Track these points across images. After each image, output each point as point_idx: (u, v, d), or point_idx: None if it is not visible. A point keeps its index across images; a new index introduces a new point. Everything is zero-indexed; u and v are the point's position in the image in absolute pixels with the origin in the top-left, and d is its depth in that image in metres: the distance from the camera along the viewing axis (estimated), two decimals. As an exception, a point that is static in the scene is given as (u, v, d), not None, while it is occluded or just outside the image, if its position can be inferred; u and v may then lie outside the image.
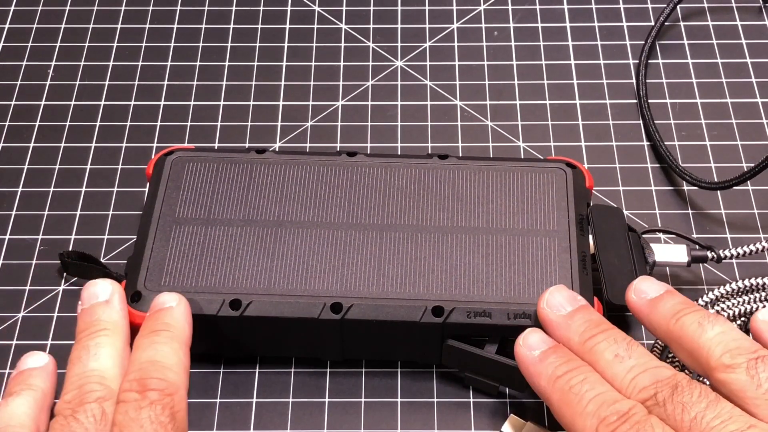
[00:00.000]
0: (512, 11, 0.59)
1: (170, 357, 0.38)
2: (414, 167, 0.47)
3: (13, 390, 0.39)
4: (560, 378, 0.38)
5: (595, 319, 0.40)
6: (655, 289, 0.41)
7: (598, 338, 0.39)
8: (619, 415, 0.36)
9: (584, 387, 0.37)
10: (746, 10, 0.59)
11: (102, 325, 0.40)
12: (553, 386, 0.38)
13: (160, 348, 0.39)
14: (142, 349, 0.39)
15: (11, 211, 0.50)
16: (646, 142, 0.53)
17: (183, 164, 0.47)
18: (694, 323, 0.38)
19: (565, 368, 0.38)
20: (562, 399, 0.38)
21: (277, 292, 0.43)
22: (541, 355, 0.39)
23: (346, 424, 0.43)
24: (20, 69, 0.56)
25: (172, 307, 0.41)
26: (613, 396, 0.37)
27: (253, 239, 0.45)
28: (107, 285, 0.42)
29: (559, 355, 0.39)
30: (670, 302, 0.40)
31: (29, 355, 0.40)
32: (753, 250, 0.46)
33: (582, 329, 0.40)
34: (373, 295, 0.43)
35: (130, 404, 0.36)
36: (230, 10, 0.59)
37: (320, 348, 0.44)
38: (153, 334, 0.40)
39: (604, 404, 0.37)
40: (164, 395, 0.37)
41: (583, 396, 0.37)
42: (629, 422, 0.36)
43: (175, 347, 0.39)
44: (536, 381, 0.39)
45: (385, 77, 0.56)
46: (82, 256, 0.47)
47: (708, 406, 0.36)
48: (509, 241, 0.44)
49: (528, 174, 0.47)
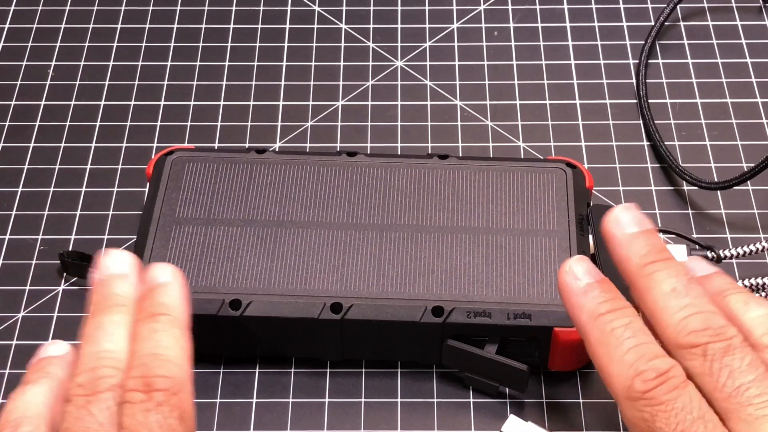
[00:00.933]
0: (512, 11, 0.59)
1: (173, 347, 0.37)
2: (414, 167, 0.47)
3: (31, 378, 0.38)
4: (602, 316, 0.37)
5: (659, 245, 0.38)
6: (705, 268, 0.39)
7: (659, 265, 0.37)
8: (658, 373, 0.34)
9: (626, 333, 0.36)
10: (746, 10, 0.59)
11: (119, 301, 0.38)
12: (594, 322, 0.37)
13: (160, 337, 0.37)
14: (143, 338, 0.37)
15: (11, 211, 0.50)
16: (646, 142, 0.53)
17: (183, 164, 0.47)
18: (740, 302, 0.37)
19: (610, 306, 0.37)
20: (600, 339, 0.36)
21: (277, 292, 0.43)
22: (586, 286, 0.38)
23: (346, 425, 0.43)
24: (20, 69, 0.56)
25: (168, 283, 0.39)
26: (654, 350, 0.35)
27: (253, 239, 0.45)
28: (127, 257, 0.39)
29: (604, 290, 0.37)
30: (719, 280, 0.39)
31: (50, 343, 0.39)
32: (753, 250, 0.46)
33: (644, 251, 0.38)
34: (373, 295, 0.43)
35: (137, 406, 0.35)
36: (230, 10, 0.59)
37: (320, 348, 0.44)
38: (152, 319, 0.38)
39: (644, 356, 0.35)
40: (170, 395, 0.36)
41: (623, 342, 0.36)
42: (667, 385, 0.34)
43: (176, 334, 0.37)
44: (576, 313, 0.38)
45: (385, 77, 0.56)
46: (81, 256, 0.47)
47: (755, 379, 0.34)
48: (509, 241, 0.44)
49: (528, 174, 0.47)
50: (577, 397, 0.44)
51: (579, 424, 0.43)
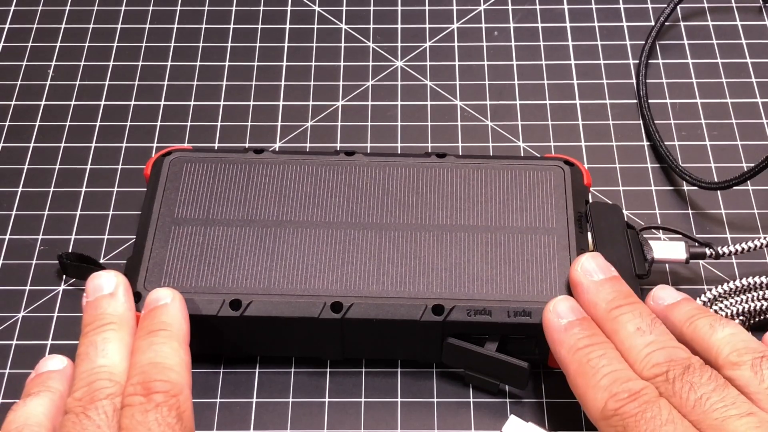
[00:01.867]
0: (512, 11, 0.59)
1: (171, 357, 0.39)
2: (412, 166, 0.47)
3: (32, 391, 0.39)
4: (581, 350, 0.39)
5: (624, 290, 0.41)
6: (672, 296, 0.42)
7: (624, 309, 0.40)
8: (630, 393, 0.37)
9: (602, 362, 0.38)
10: (746, 10, 0.59)
11: (108, 319, 0.40)
12: (573, 356, 0.39)
13: (160, 348, 0.39)
14: (142, 351, 0.39)
15: (11, 211, 0.50)
16: (646, 142, 0.53)
17: (181, 165, 0.47)
18: (706, 325, 0.39)
19: (587, 342, 0.39)
20: (578, 370, 0.39)
21: (277, 291, 0.43)
22: (567, 324, 0.40)
23: (346, 424, 0.43)
24: (20, 69, 0.56)
25: (167, 304, 0.41)
26: (627, 374, 0.38)
27: (253, 239, 0.45)
28: (112, 277, 0.42)
29: (584, 328, 0.40)
30: (685, 307, 0.41)
31: (48, 358, 0.41)
32: (751, 247, 0.46)
33: (610, 297, 0.41)
34: (373, 294, 0.43)
35: (136, 407, 0.36)
36: (230, 10, 0.59)
37: (321, 347, 0.44)
38: (151, 334, 0.40)
39: (617, 381, 0.38)
40: (169, 396, 0.37)
41: (599, 370, 0.38)
42: (638, 401, 0.37)
43: (174, 346, 0.39)
44: (557, 348, 0.40)
45: (385, 77, 0.56)
46: (80, 258, 0.47)
47: (715, 389, 0.37)
48: (508, 239, 0.44)
49: (526, 172, 0.47)
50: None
51: (579, 424, 0.43)
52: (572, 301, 0.41)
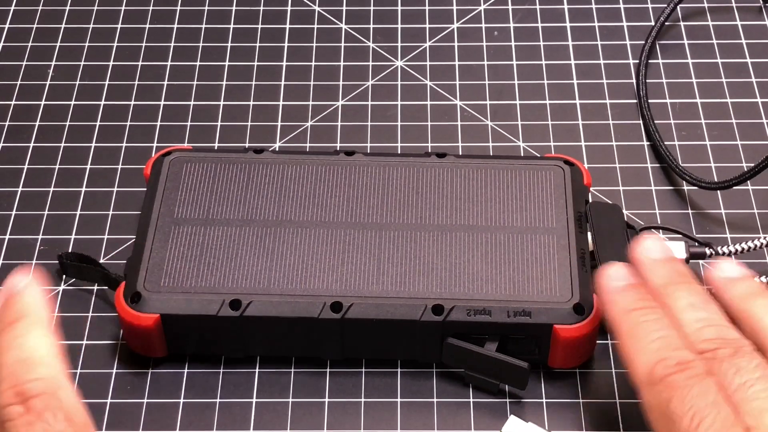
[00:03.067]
0: (512, 11, 0.59)
1: (38, 348, 0.36)
2: (412, 166, 0.47)
3: None
4: (634, 311, 0.39)
5: (681, 270, 0.41)
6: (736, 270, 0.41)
7: (679, 286, 0.40)
8: (680, 361, 0.36)
9: (655, 326, 0.38)
10: (746, 10, 0.59)
11: None
12: (625, 317, 0.39)
13: (23, 341, 0.36)
14: (6, 349, 0.36)
15: (11, 211, 0.50)
16: (646, 142, 0.53)
17: (181, 165, 0.47)
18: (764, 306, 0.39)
19: (642, 304, 0.39)
20: (630, 331, 0.38)
21: (276, 291, 0.43)
22: (623, 286, 0.40)
23: (346, 424, 0.43)
24: (20, 69, 0.56)
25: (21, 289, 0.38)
26: (679, 342, 0.37)
27: (252, 239, 0.44)
28: None
29: (639, 291, 0.40)
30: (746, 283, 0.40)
31: None
32: (751, 246, 0.46)
33: (667, 274, 0.40)
34: (372, 294, 0.43)
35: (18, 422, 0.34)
36: (230, 10, 0.59)
37: (320, 347, 0.44)
38: (11, 328, 0.37)
39: (668, 346, 0.37)
40: (48, 397, 0.34)
41: (650, 333, 0.38)
42: (686, 373, 0.36)
43: (39, 334, 0.36)
44: (609, 308, 0.40)
45: (385, 77, 0.56)
46: (80, 258, 0.47)
47: (760, 377, 0.36)
48: (508, 239, 0.44)
49: (526, 172, 0.47)
50: (577, 397, 0.44)
51: (579, 424, 0.43)
52: (628, 267, 0.41)
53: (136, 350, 0.44)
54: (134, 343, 0.44)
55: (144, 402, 0.44)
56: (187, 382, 0.44)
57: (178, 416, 0.43)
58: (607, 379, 0.44)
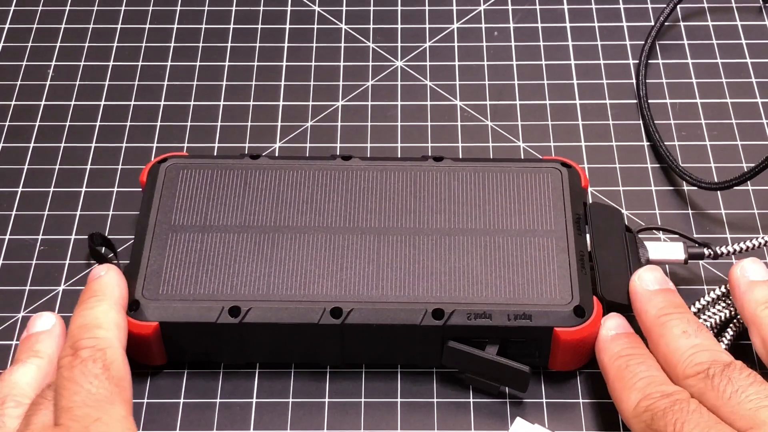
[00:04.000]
0: (512, 11, 0.59)
1: (99, 317, 0.40)
2: (409, 170, 0.47)
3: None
4: (622, 357, 0.41)
5: (676, 301, 0.42)
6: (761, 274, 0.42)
7: (673, 316, 0.41)
8: (663, 394, 0.38)
9: (640, 368, 0.40)
10: (746, 10, 0.59)
11: (38, 354, 0.41)
12: (613, 362, 0.41)
13: (89, 312, 0.41)
14: (73, 319, 0.40)
15: (11, 211, 0.50)
16: (646, 142, 0.53)
17: (177, 171, 0.47)
18: None
19: (630, 351, 0.41)
20: (617, 374, 0.40)
21: (276, 298, 0.43)
22: (614, 335, 0.42)
23: (346, 425, 0.43)
24: (20, 69, 0.56)
25: (101, 276, 0.42)
26: (663, 380, 0.39)
27: (251, 245, 0.44)
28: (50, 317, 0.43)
29: (629, 341, 0.42)
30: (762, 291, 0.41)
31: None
32: (750, 246, 0.46)
33: (661, 305, 0.42)
34: (372, 299, 0.43)
35: (64, 367, 0.38)
36: (230, 10, 0.59)
37: (320, 353, 0.44)
38: (82, 303, 0.41)
39: (653, 383, 0.39)
40: (95, 350, 0.38)
41: (636, 374, 0.40)
42: (670, 398, 0.38)
43: (104, 308, 0.41)
44: (601, 355, 0.42)
45: (385, 77, 0.56)
46: (103, 240, 0.48)
47: (752, 384, 0.37)
48: (507, 242, 0.44)
49: (524, 174, 0.47)
50: (577, 397, 0.44)
51: (579, 424, 0.43)
52: (622, 319, 0.43)
53: (135, 359, 0.44)
54: (133, 352, 0.44)
55: (144, 402, 0.44)
56: (187, 382, 0.44)
57: (178, 416, 0.43)
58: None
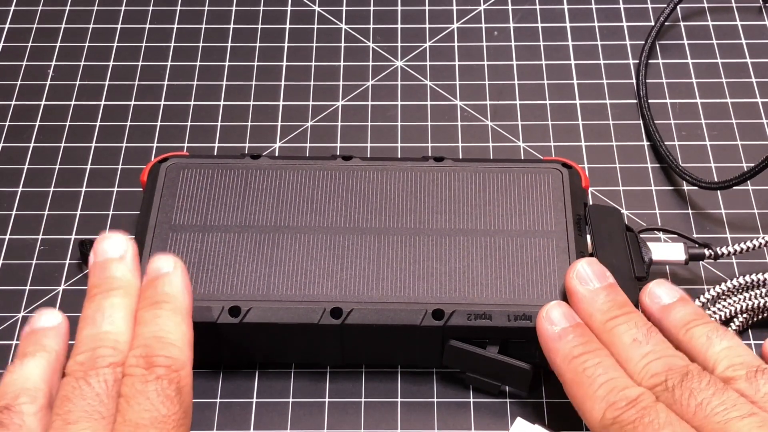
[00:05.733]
0: (512, 11, 0.59)
1: (174, 332, 0.38)
2: (410, 170, 0.47)
3: (27, 351, 0.38)
4: (576, 358, 0.39)
5: (620, 300, 0.41)
6: (669, 295, 0.41)
7: (619, 320, 0.40)
8: (628, 401, 0.37)
9: (598, 371, 0.38)
10: (746, 10, 0.59)
11: (116, 284, 0.39)
12: (568, 365, 0.39)
13: (163, 322, 0.38)
14: (145, 323, 0.38)
15: (11, 211, 0.50)
16: (646, 142, 0.53)
17: (178, 171, 0.47)
18: (703, 336, 0.39)
19: (582, 349, 0.39)
20: (574, 379, 0.39)
21: (276, 298, 0.43)
22: (561, 331, 0.40)
23: (346, 425, 0.43)
24: (20, 69, 0.56)
25: (169, 273, 0.40)
26: (624, 382, 0.38)
27: (251, 245, 0.44)
28: (122, 240, 0.41)
29: (578, 335, 0.40)
30: (681, 311, 0.41)
31: (42, 312, 0.40)
32: (750, 246, 0.46)
33: (606, 308, 0.40)
34: (372, 300, 0.43)
35: (137, 377, 0.36)
36: (230, 10, 0.59)
37: (320, 354, 0.44)
38: (155, 306, 0.39)
39: (614, 390, 0.37)
40: (171, 371, 0.37)
41: (595, 379, 0.38)
42: (636, 408, 0.36)
43: (177, 320, 0.39)
44: (553, 357, 0.40)
45: (385, 77, 0.56)
46: None
47: (715, 393, 0.36)
48: (507, 243, 0.44)
49: (524, 175, 0.47)
50: (577, 397, 0.44)
51: (579, 424, 0.43)
52: (565, 306, 0.41)
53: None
54: None
55: (144, 402, 0.44)
56: (187, 382, 0.44)
57: (179, 417, 0.43)
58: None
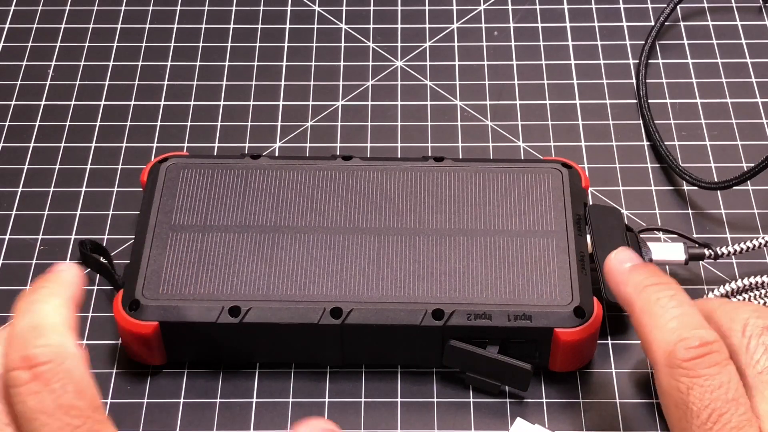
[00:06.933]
0: (512, 11, 0.59)
1: (51, 316, 0.34)
2: (410, 170, 0.47)
3: None
4: (649, 287, 0.37)
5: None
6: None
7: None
8: (702, 342, 0.35)
9: (671, 302, 0.36)
10: (746, 10, 0.59)
11: None
12: (640, 294, 0.37)
13: (38, 308, 0.35)
14: (21, 313, 0.35)
15: (11, 211, 0.50)
16: (646, 142, 0.53)
17: (178, 171, 0.47)
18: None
19: (656, 280, 0.38)
20: (644, 308, 0.37)
21: (276, 298, 0.43)
22: (632, 267, 0.39)
23: (346, 425, 0.43)
24: (20, 69, 0.56)
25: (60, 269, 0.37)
26: (699, 320, 0.36)
27: (251, 245, 0.44)
28: None
29: (650, 269, 0.38)
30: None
31: None
32: (750, 246, 0.46)
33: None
34: (372, 300, 0.43)
35: (23, 389, 0.32)
36: (230, 10, 0.59)
37: (320, 354, 0.44)
38: (31, 293, 0.36)
39: (687, 325, 0.35)
40: (56, 367, 0.33)
41: (668, 311, 0.36)
42: (709, 358, 0.35)
43: (55, 304, 0.35)
44: (622, 288, 0.38)
45: (385, 77, 0.56)
46: (95, 248, 0.46)
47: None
48: (507, 243, 0.44)
49: (524, 175, 0.47)
50: (577, 397, 0.44)
51: (579, 424, 0.43)
52: (633, 251, 0.40)
53: (135, 358, 0.44)
54: (133, 351, 0.44)
55: (144, 402, 0.44)
56: (187, 382, 0.44)
57: (178, 416, 0.43)
58: (607, 379, 0.44)
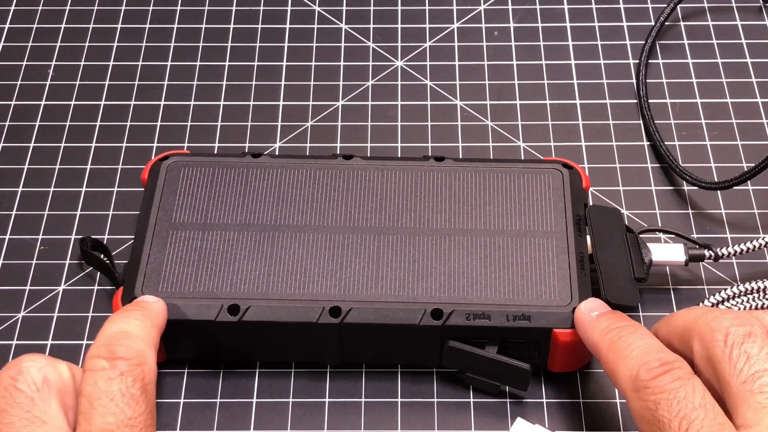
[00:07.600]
0: (512, 11, 0.59)
1: (141, 329, 0.38)
2: (410, 170, 0.47)
3: None
4: (613, 330, 0.39)
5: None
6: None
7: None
8: (662, 362, 0.36)
9: (633, 337, 0.38)
10: (746, 10, 0.59)
11: None
12: (604, 337, 0.39)
13: (131, 321, 0.38)
14: (113, 322, 0.38)
15: (11, 211, 0.50)
16: (646, 142, 0.53)
17: (178, 169, 0.47)
18: None
19: (620, 324, 0.39)
20: (610, 347, 0.39)
21: (275, 296, 0.43)
22: (598, 315, 0.41)
23: (346, 425, 0.43)
24: (20, 69, 0.56)
25: (150, 302, 0.41)
26: (660, 346, 0.37)
27: (251, 244, 0.44)
28: None
29: (615, 316, 0.40)
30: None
31: None
32: (750, 247, 0.46)
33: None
34: (371, 299, 0.43)
35: (99, 374, 0.35)
36: (230, 10, 0.59)
37: (319, 353, 0.44)
38: (125, 311, 0.40)
39: (650, 351, 0.37)
40: (134, 365, 0.36)
41: (630, 344, 0.38)
42: (671, 374, 0.36)
43: (147, 324, 0.39)
44: (589, 335, 0.40)
45: (385, 77, 0.56)
46: (95, 245, 0.47)
47: None
48: (507, 243, 0.44)
49: (524, 175, 0.47)
50: (577, 397, 0.44)
51: (579, 424, 0.43)
52: (599, 300, 0.42)
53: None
54: None
55: (144, 402, 0.44)
56: (187, 382, 0.44)
57: (179, 416, 0.43)
58: (607, 379, 0.44)
